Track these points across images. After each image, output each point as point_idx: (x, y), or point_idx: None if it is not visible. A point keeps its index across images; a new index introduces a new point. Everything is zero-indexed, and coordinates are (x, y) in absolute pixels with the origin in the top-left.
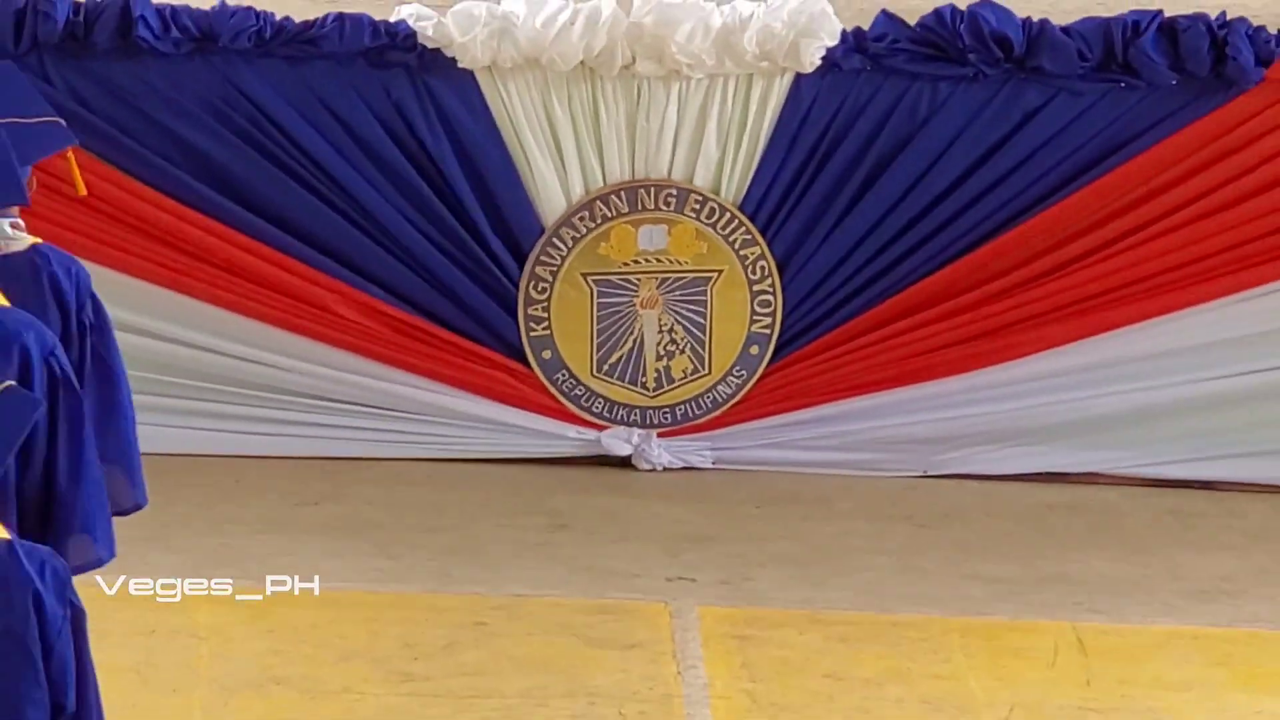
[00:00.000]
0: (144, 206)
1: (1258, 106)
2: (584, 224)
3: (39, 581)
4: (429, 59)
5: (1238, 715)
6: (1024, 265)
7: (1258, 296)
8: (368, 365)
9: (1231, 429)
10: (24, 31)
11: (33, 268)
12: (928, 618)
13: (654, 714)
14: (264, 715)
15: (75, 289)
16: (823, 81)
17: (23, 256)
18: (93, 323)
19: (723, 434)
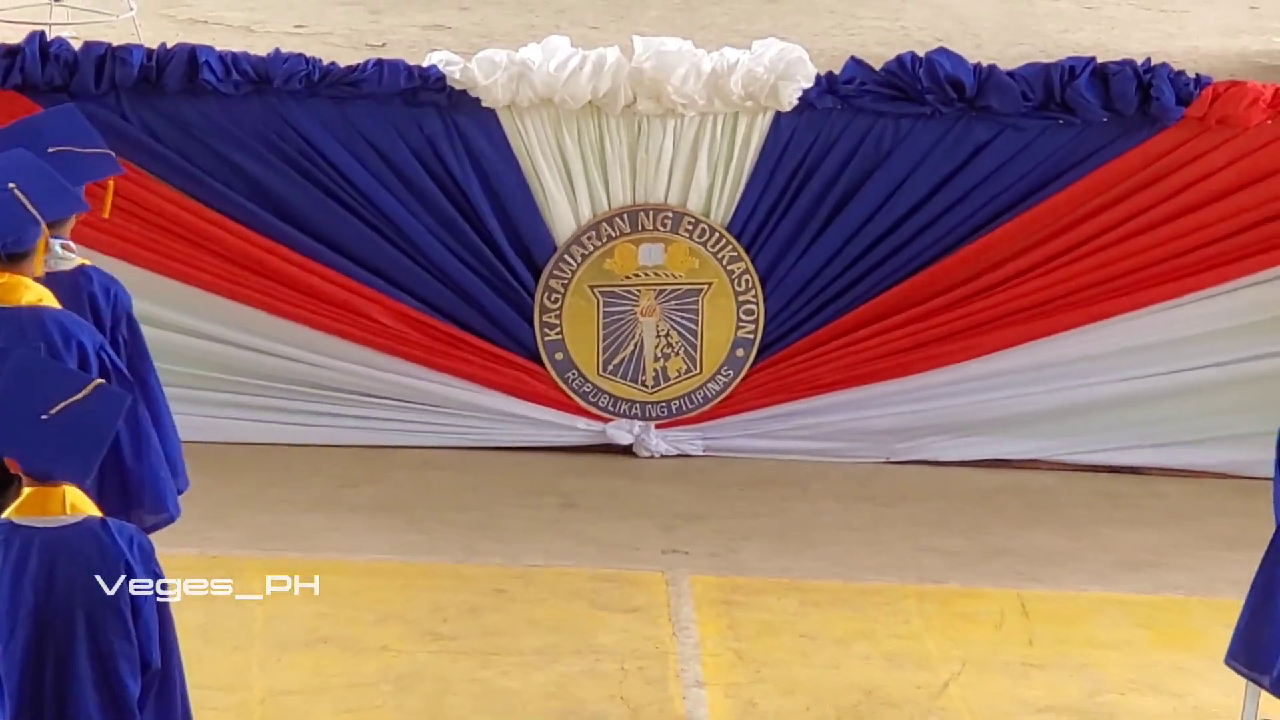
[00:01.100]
0: (208, 226)
1: (1178, 141)
2: (591, 242)
3: (129, 554)
4: (457, 99)
5: (1159, 670)
6: (974, 278)
7: (1175, 307)
8: (402, 365)
9: (1153, 421)
10: (104, 75)
11: (75, 286)
12: (889, 585)
13: (652, 669)
14: (312, 670)
15: (112, 309)
16: (800, 119)
17: (69, 276)
18: (126, 339)
19: (712, 425)
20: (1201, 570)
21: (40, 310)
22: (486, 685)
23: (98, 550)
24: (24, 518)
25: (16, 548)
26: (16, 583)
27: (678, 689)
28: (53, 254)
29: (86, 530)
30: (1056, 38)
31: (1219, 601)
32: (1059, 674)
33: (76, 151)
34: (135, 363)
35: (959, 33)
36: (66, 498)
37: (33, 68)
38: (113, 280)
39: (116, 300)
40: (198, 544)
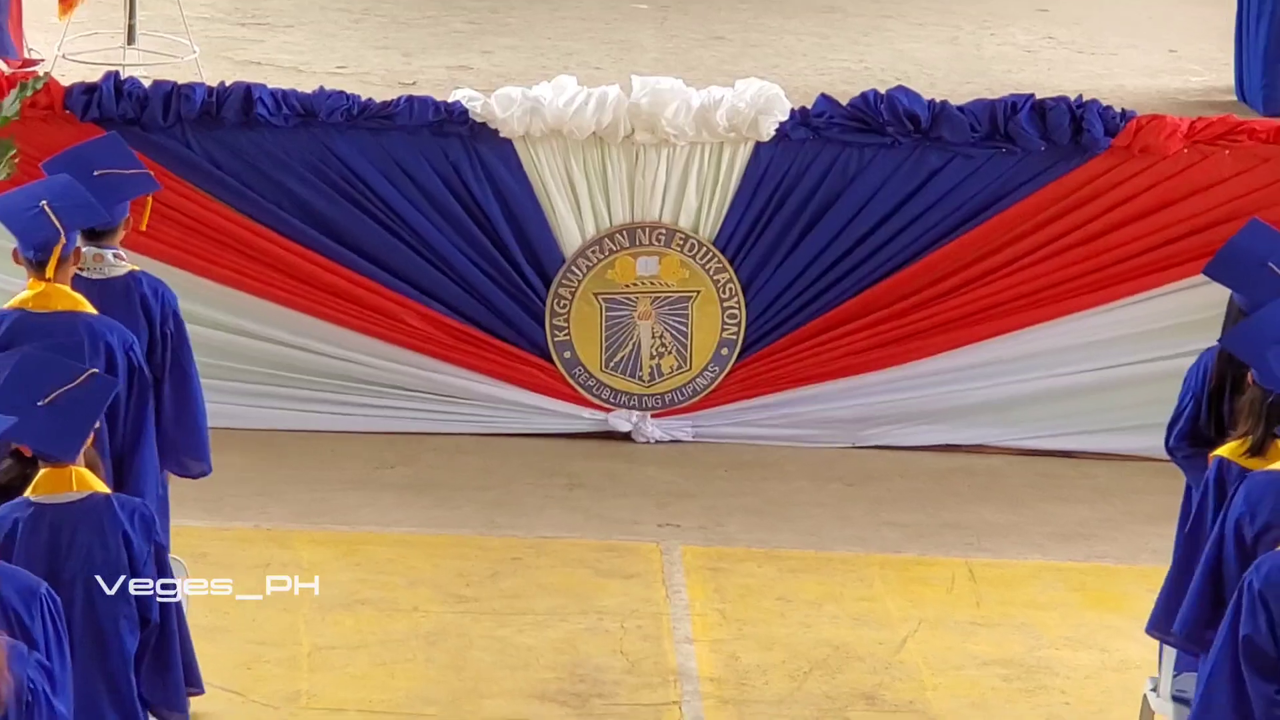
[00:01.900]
0: (262, 241)
1: (1106, 167)
2: (595, 255)
3: (129, 525)
4: (478, 130)
5: (1090, 628)
6: (929, 287)
7: (1103, 313)
8: (430, 362)
9: (1084, 411)
10: (171, 109)
11: (127, 289)
12: (855, 554)
13: (648, 627)
14: (352, 628)
15: (160, 307)
16: (777, 148)
17: (121, 280)
18: (173, 333)
19: (701, 415)
20: (1126, 541)
21: (73, 315)
22: (504, 641)
23: (100, 522)
24: (38, 495)
25: (30, 522)
26: (30, 552)
27: (670, 644)
28: (106, 261)
29: (91, 505)
30: (1001, 77)
31: (1142, 568)
32: (1002, 631)
33: (119, 173)
34: (178, 352)
35: (916, 73)
36: (75, 476)
37: (109, 103)
38: (160, 282)
39: (164, 300)
40: (253, 518)
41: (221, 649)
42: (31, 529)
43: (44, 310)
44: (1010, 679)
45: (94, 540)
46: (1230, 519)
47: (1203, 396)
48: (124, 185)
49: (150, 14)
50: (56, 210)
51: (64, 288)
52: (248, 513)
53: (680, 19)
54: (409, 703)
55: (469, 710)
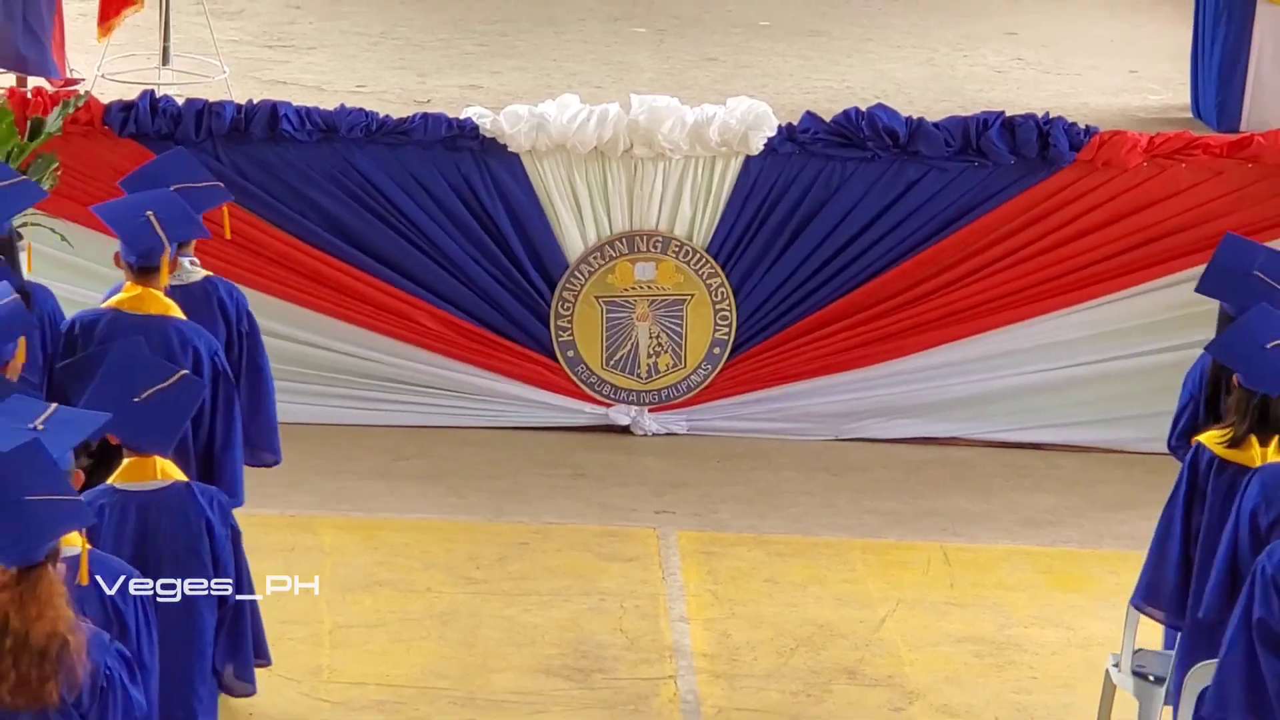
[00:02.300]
0: (287, 249)
1: (1071, 179)
2: (596, 261)
3: (209, 511)
4: (487, 145)
5: (1056, 608)
6: (907, 291)
7: (1069, 314)
8: (443, 360)
9: (1051, 407)
10: (202, 125)
11: (205, 293)
12: (838, 539)
13: (645, 607)
14: (370, 608)
15: (235, 308)
16: (765, 161)
17: (199, 285)
18: (247, 331)
19: (695, 409)
20: (1090, 528)
21: (164, 319)
22: (512, 620)
23: (183, 508)
24: (124, 483)
25: (118, 508)
26: (119, 537)
27: (666, 623)
28: (184, 269)
29: (174, 492)
30: (973, 95)
31: (1104, 553)
32: (975, 611)
33: (193, 187)
34: (253, 350)
35: (894, 91)
36: (158, 465)
37: (145, 120)
38: (233, 285)
39: (238, 301)
40: (280, 506)
41: None
42: (120, 514)
43: (137, 312)
44: (982, 655)
45: (178, 525)
46: (1245, 508)
47: (1200, 398)
48: (200, 198)
49: (183, 37)
50: (162, 221)
51: (158, 293)
52: (274, 500)
53: (675, 42)
54: (423, 677)
55: (479, 684)
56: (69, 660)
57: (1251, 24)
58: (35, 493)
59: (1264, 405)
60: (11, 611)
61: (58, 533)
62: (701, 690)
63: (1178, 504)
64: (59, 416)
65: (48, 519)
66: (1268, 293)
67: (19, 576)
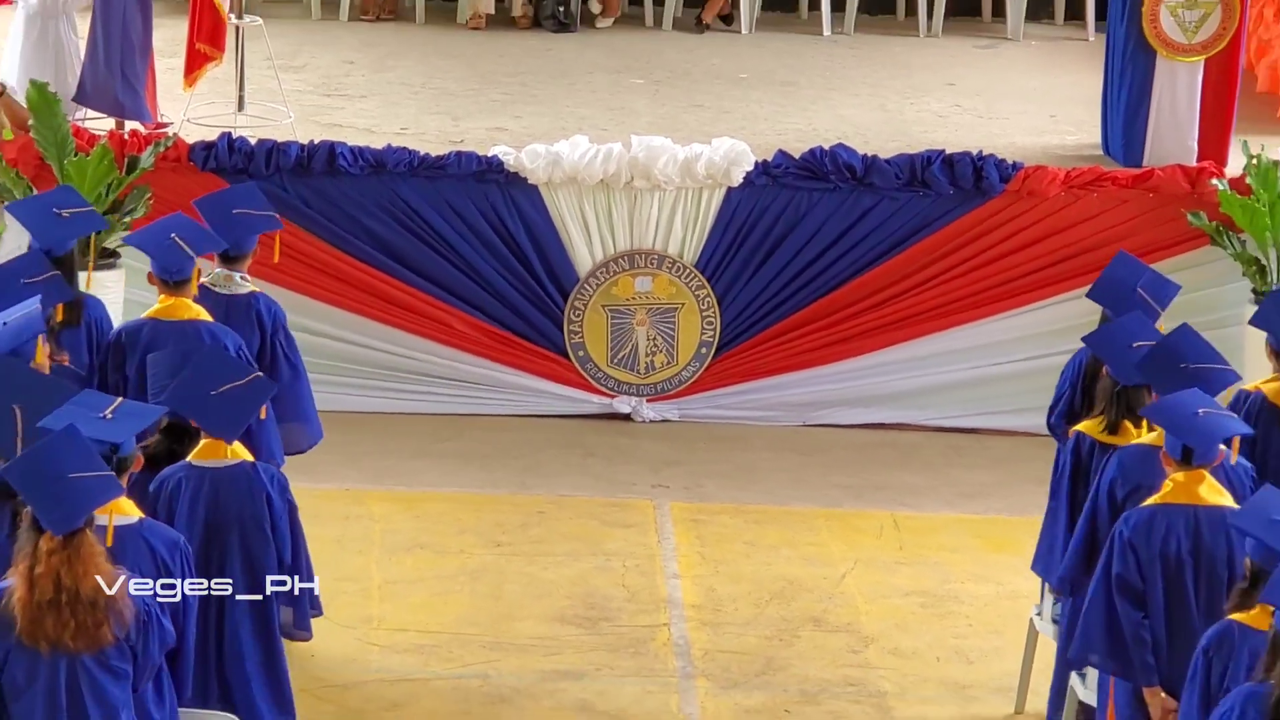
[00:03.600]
0: (342, 265)
1: (1001, 207)
2: (602, 275)
3: (269, 487)
4: (511, 177)
5: (988, 566)
6: (863, 300)
7: (998, 320)
8: (474, 359)
9: (985, 398)
10: (271, 162)
11: (247, 305)
12: (806, 509)
13: (644, 566)
14: (412, 567)
15: (271, 321)
16: (744, 192)
17: (244, 298)
18: (282, 341)
19: (685, 400)
20: (1016, 499)
21: (196, 322)
22: (532, 577)
23: (249, 483)
24: (200, 460)
25: (194, 482)
26: (194, 505)
27: (661, 579)
28: (234, 282)
29: (241, 470)
30: (919, 136)
31: (1028, 519)
32: (920, 569)
33: (252, 213)
34: (290, 353)
35: (852, 133)
36: (229, 447)
37: (223, 156)
38: (274, 302)
39: (275, 316)
40: (338, 481)
41: None
42: (195, 487)
43: (171, 319)
44: (926, 605)
45: (245, 497)
46: (1105, 483)
47: (1077, 385)
48: (255, 223)
49: (255, 87)
50: (186, 241)
51: (187, 301)
52: (332, 477)
53: (669, 91)
54: (457, 625)
55: (504, 630)
56: (116, 605)
57: (1152, 76)
58: (75, 471)
59: (1125, 393)
60: (62, 571)
61: (95, 504)
62: (691, 635)
63: (1063, 485)
64: (124, 408)
65: (86, 492)
66: (1144, 307)
67: (64, 541)
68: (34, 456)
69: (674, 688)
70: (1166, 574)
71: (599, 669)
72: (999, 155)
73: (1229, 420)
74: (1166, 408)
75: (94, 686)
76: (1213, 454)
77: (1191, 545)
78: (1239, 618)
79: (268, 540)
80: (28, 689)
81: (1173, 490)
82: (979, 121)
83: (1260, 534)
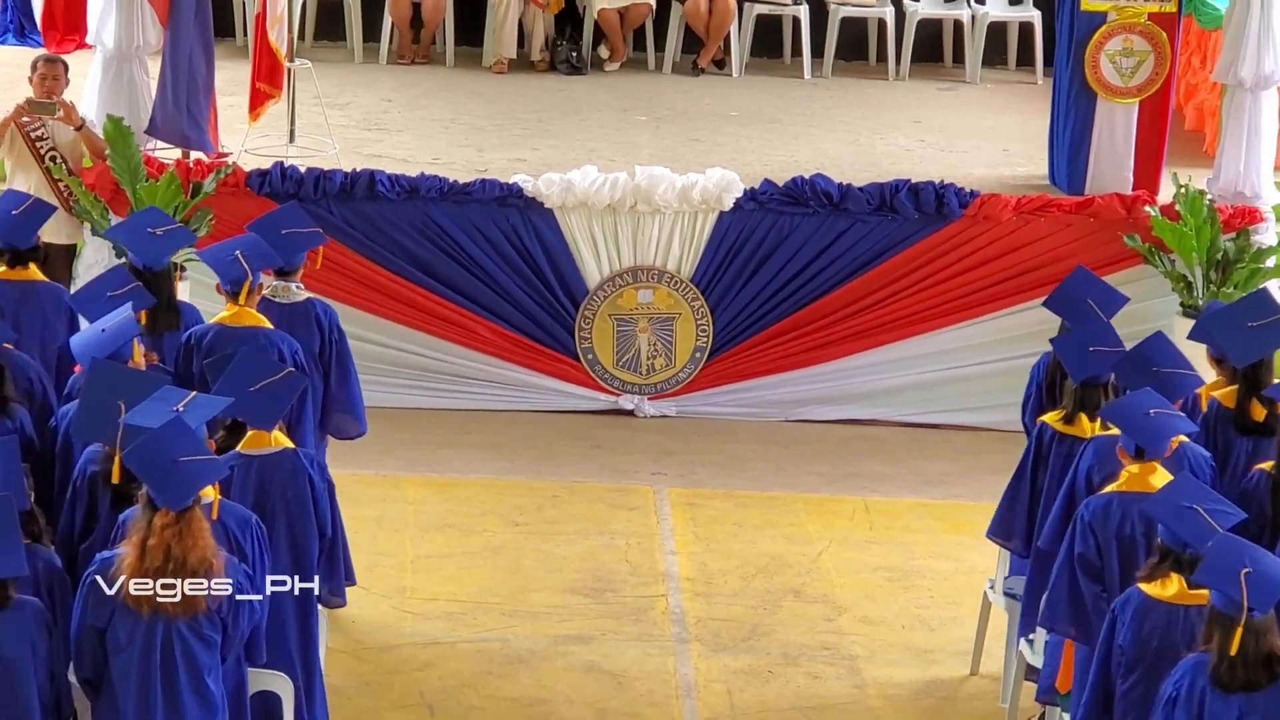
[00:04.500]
0: (381, 279)
1: (960, 229)
2: (609, 288)
3: (310, 470)
4: (529, 202)
5: (948, 546)
6: (838, 311)
7: (957, 329)
8: (496, 361)
9: (946, 396)
10: (319, 188)
11: (305, 310)
12: (787, 494)
13: (645, 544)
14: (441, 543)
15: (328, 322)
16: (734, 215)
17: (302, 305)
18: (337, 340)
19: (682, 398)
20: (974, 486)
21: (256, 329)
22: (546, 553)
23: (291, 468)
24: (247, 449)
25: (243, 468)
26: (243, 489)
27: (660, 555)
28: (291, 292)
29: (284, 455)
30: (888, 167)
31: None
32: (888, 547)
33: (299, 231)
34: (342, 354)
35: (830, 164)
36: (274, 436)
37: (276, 183)
38: (328, 305)
39: (330, 317)
40: (375, 468)
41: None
42: (244, 473)
43: (236, 325)
44: (893, 579)
45: (288, 481)
46: (1083, 467)
47: (1042, 384)
48: (302, 240)
49: (305, 122)
50: (246, 258)
51: (250, 310)
52: (370, 464)
53: (669, 127)
54: (480, 594)
55: (521, 600)
56: (214, 578)
57: (1093, 115)
58: (184, 455)
59: (1083, 390)
60: (173, 543)
61: (202, 484)
62: (685, 605)
63: (1027, 466)
64: (196, 401)
65: (194, 474)
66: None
67: (176, 517)
68: (149, 444)
69: (670, 651)
70: (1122, 553)
71: (604, 634)
72: (958, 184)
73: (1176, 420)
74: (1120, 409)
75: (185, 650)
76: (1162, 449)
77: (1144, 529)
78: (1144, 587)
79: (310, 517)
80: (127, 647)
81: (1128, 480)
82: (940, 154)
83: (1167, 521)
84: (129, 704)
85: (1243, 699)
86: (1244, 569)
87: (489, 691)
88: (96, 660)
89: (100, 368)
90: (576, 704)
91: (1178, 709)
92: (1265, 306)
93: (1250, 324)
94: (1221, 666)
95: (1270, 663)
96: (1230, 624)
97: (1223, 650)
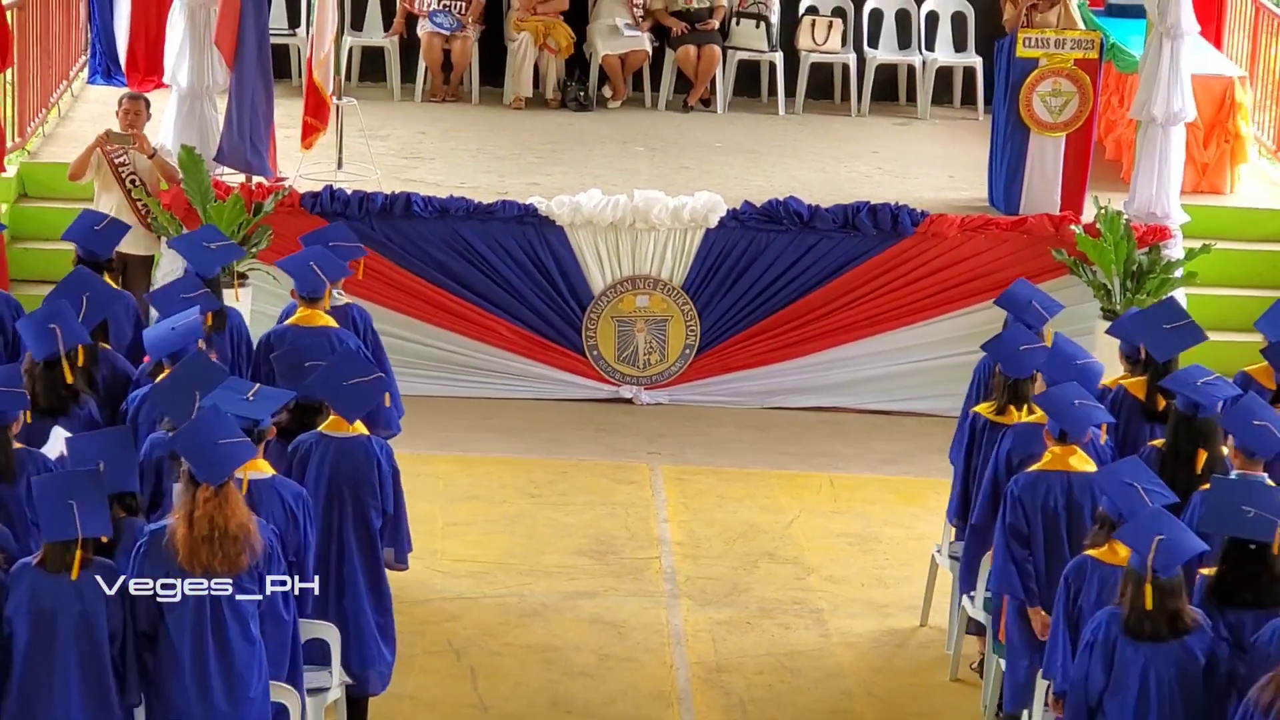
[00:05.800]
0: (416, 285)
1: (913, 244)
2: (611, 294)
3: (379, 454)
4: (543, 220)
5: (901, 515)
6: (808, 314)
7: (910, 329)
8: (514, 356)
9: (901, 388)
10: (363, 208)
11: (346, 313)
12: (764, 471)
13: (642, 513)
14: (466, 512)
15: (362, 324)
16: (718, 232)
17: (342, 308)
18: (371, 341)
19: (674, 388)
20: (923, 465)
21: (326, 329)
22: (557, 521)
23: (364, 452)
24: (328, 431)
25: (322, 447)
26: (321, 465)
27: (655, 523)
28: (333, 297)
29: (358, 441)
30: (851, 191)
31: (931, 480)
32: (849, 517)
33: (344, 245)
34: (378, 351)
35: (800, 188)
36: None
37: (325, 203)
38: (362, 309)
39: (365, 320)
40: (409, 449)
41: None
42: (323, 451)
43: (308, 326)
44: (854, 545)
45: (360, 462)
46: (1003, 452)
47: (985, 383)
48: (346, 253)
49: (351, 151)
50: (320, 268)
51: (320, 312)
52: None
53: (663, 157)
54: (501, 556)
55: (536, 561)
56: (252, 540)
57: (1027, 146)
58: (223, 438)
59: (1015, 385)
60: (215, 514)
61: (238, 463)
62: (676, 565)
63: (961, 453)
64: (262, 392)
65: (232, 454)
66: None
67: (216, 491)
68: (192, 428)
69: (664, 605)
70: (1046, 523)
71: (607, 590)
72: (911, 205)
73: (1097, 411)
74: (1051, 398)
75: (231, 602)
76: (1083, 434)
77: (1065, 501)
78: (1092, 553)
79: (375, 496)
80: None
81: (1051, 460)
82: (895, 180)
83: (1110, 493)
84: (185, 651)
85: (1149, 648)
86: (1159, 536)
87: (508, 639)
88: (152, 615)
89: (194, 358)
90: (583, 650)
91: (1094, 652)
92: (1176, 311)
93: (1165, 325)
94: (1132, 618)
95: (1174, 619)
96: (1140, 580)
97: (1135, 604)
